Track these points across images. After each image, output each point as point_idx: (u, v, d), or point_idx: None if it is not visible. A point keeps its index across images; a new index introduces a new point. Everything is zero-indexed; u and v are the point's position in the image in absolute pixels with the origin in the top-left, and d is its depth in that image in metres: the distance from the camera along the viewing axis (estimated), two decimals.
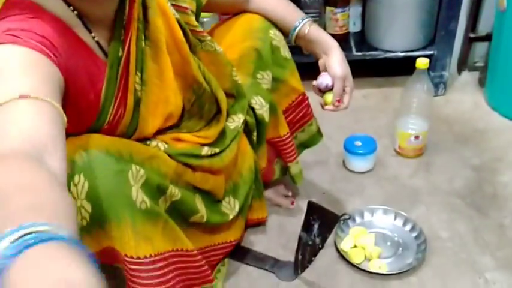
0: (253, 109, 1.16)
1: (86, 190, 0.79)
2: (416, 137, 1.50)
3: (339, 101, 1.10)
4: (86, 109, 0.83)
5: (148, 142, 0.95)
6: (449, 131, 1.67)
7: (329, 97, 1.11)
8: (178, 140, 1.01)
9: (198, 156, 1.00)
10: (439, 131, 1.65)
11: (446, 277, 1.14)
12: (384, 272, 1.15)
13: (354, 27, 1.98)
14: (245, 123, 1.14)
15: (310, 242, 1.11)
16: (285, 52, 1.19)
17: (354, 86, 1.13)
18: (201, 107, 1.04)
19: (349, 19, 1.94)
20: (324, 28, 1.94)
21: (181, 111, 1.00)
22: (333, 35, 1.90)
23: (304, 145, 1.35)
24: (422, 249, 1.19)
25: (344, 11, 1.89)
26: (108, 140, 0.84)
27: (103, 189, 0.79)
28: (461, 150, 1.57)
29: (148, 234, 0.84)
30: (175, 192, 0.93)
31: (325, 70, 1.13)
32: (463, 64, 2.00)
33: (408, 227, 1.27)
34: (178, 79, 0.96)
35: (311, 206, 1.11)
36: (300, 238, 1.13)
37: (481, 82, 1.92)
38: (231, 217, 1.11)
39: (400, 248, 1.22)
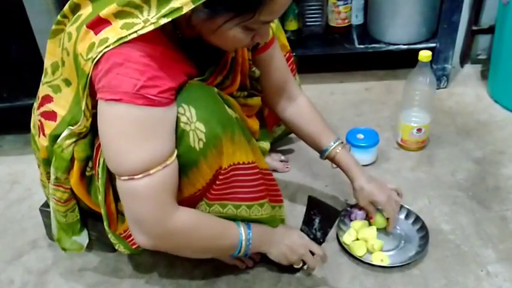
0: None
1: (194, 113, 0.90)
2: (419, 130, 1.49)
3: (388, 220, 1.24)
4: None
5: None
6: (452, 124, 1.66)
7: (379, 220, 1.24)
8: None
9: (233, 96, 1.13)
10: (441, 123, 1.65)
11: (449, 270, 1.15)
12: (386, 265, 1.16)
13: (356, 19, 1.97)
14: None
15: (311, 236, 1.12)
16: None
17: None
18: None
19: (351, 12, 1.93)
20: (326, 20, 1.94)
21: None
22: (335, 28, 1.94)
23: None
24: (425, 242, 1.19)
25: (346, 4, 1.89)
26: None
27: (207, 108, 0.92)
28: (464, 142, 1.57)
29: (244, 144, 0.99)
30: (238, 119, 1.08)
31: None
32: (466, 57, 2.00)
33: (410, 220, 1.27)
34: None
35: (311, 201, 1.11)
36: (301, 232, 1.14)
37: (484, 75, 1.91)
38: (267, 149, 1.38)
39: (403, 241, 1.22)
